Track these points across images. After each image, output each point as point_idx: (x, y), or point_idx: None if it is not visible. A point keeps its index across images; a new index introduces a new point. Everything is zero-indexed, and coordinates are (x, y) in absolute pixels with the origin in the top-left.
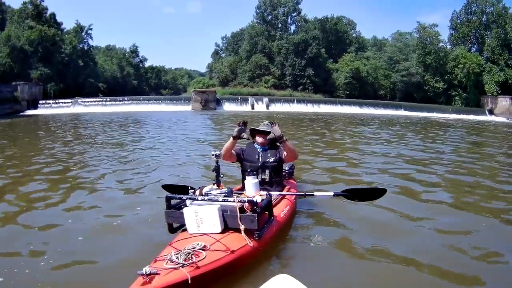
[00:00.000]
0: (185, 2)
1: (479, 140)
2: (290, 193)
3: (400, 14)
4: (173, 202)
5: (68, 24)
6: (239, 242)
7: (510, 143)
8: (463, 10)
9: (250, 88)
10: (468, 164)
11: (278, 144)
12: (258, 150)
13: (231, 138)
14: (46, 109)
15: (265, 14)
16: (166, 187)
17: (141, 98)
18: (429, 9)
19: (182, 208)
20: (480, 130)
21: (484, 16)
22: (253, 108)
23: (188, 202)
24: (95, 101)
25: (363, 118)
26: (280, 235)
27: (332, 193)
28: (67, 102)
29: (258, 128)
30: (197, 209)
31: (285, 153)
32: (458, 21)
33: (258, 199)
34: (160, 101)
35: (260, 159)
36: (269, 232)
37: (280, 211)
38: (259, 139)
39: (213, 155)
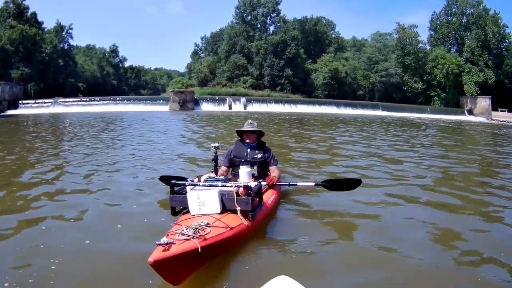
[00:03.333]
0: (167, 1)
1: (456, 140)
2: (276, 183)
3: (380, 15)
4: (176, 188)
5: (48, 24)
6: (236, 221)
7: (487, 143)
8: (443, 11)
9: (229, 88)
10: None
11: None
12: (246, 147)
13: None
14: (26, 109)
15: (245, 14)
16: (162, 178)
17: (119, 98)
18: (409, 10)
19: (184, 193)
20: (460, 130)
21: (464, 17)
22: (230, 108)
23: (189, 188)
24: (74, 101)
25: (341, 118)
26: (268, 220)
27: (313, 183)
28: (47, 102)
29: (244, 129)
30: (199, 193)
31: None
32: (438, 22)
33: (252, 184)
34: (139, 101)
35: (249, 156)
36: (260, 214)
37: (268, 198)
38: (247, 139)
39: (212, 147)
